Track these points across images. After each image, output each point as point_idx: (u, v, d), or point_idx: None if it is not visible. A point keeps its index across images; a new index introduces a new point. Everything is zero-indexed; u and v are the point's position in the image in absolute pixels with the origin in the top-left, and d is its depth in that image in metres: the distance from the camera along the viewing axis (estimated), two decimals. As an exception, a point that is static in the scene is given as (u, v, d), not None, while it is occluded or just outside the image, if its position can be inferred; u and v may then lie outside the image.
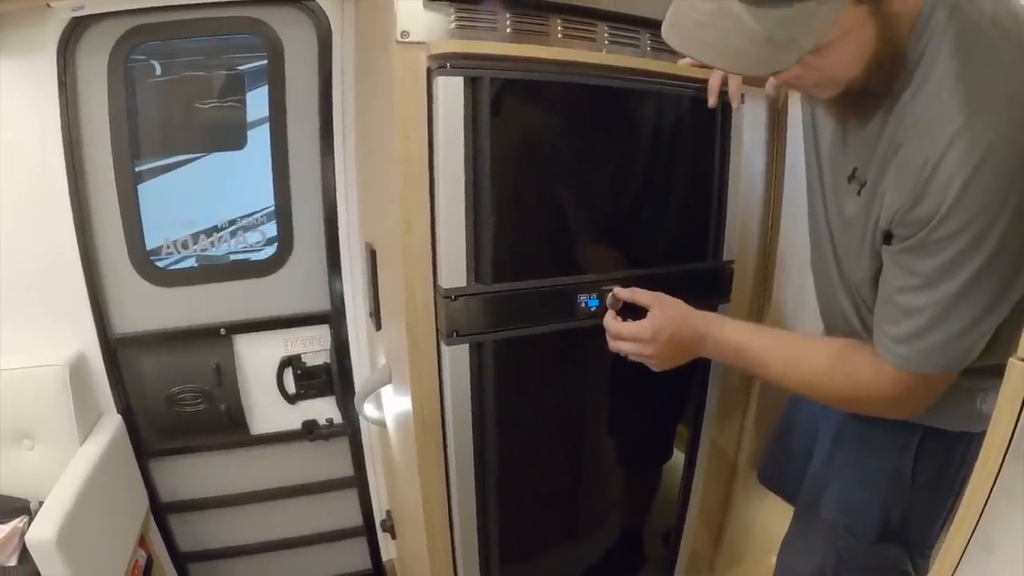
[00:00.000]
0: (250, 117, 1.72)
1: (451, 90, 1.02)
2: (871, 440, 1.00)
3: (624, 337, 1.06)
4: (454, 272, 1.07)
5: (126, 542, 1.61)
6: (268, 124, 1.68)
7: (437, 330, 1.11)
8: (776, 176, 1.38)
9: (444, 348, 1.10)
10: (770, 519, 1.47)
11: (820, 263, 1.04)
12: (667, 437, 1.47)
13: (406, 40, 1.03)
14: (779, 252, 1.41)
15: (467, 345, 1.10)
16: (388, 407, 1.45)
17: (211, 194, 1.74)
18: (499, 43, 1.08)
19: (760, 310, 1.44)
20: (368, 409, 1.50)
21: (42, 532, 1.30)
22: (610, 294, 1.14)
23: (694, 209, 1.28)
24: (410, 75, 1.04)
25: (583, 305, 1.16)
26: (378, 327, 1.45)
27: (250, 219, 1.73)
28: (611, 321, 1.09)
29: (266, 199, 1.73)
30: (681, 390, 1.39)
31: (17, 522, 1.46)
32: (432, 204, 1.06)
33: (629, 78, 1.16)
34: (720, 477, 1.51)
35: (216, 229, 1.71)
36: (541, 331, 1.15)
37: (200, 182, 1.72)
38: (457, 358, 1.10)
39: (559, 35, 1.15)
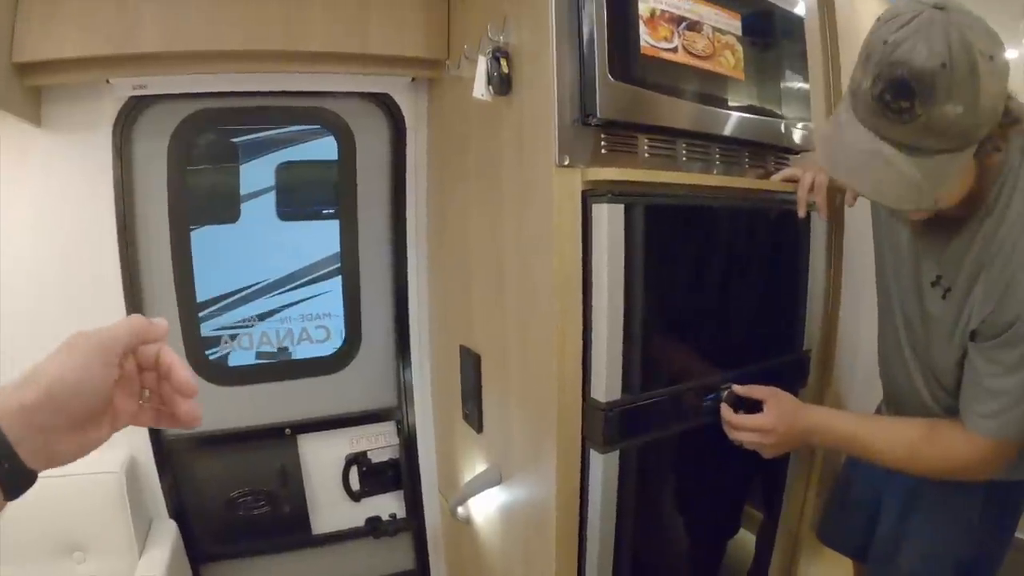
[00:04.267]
0: (245, 189, 1.69)
1: (613, 218, 1.08)
2: (943, 499, 1.15)
3: (747, 428, 1.17)
4: (611, 386, 1.12)
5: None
6: (289, 211, 1.68)
7: (584, 438, 1.16)
8: (835, 271, 1.55)
9: (595, 456, 1.15)
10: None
11: (892, 347, 1.19)
12: (741, 511, 1.59)
13: (564, 165, 1.09)
14: (837, 338, 1.58)
15: (617, 452, 1.16)
16: (485, 507, 1.45)
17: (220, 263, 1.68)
18: (641, 170, 1.16)
19: (822, 389, 1.58)
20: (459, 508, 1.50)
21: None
22: (728, 392, 1.24)
23: (786, 308, 1.42)
24: (566, 198, 1.09)
25: (706, 403, 1.25)
26: (479, 430, 1.45)
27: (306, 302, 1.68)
28: (732, 415, 1.20)
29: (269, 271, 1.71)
30: (761, 469, 1.50)
31: None
32: (585, 323, 1.12)
33: (739, 197, 1.29)
34: (787, 541, 1.63)
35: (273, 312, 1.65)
36: (672, 432, 1.24)
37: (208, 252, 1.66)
38: (609, 465, 1.15)
39: (683, 158, 1.25)
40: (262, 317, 1.69)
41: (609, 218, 1.08)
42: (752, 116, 1.32)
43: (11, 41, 1.19)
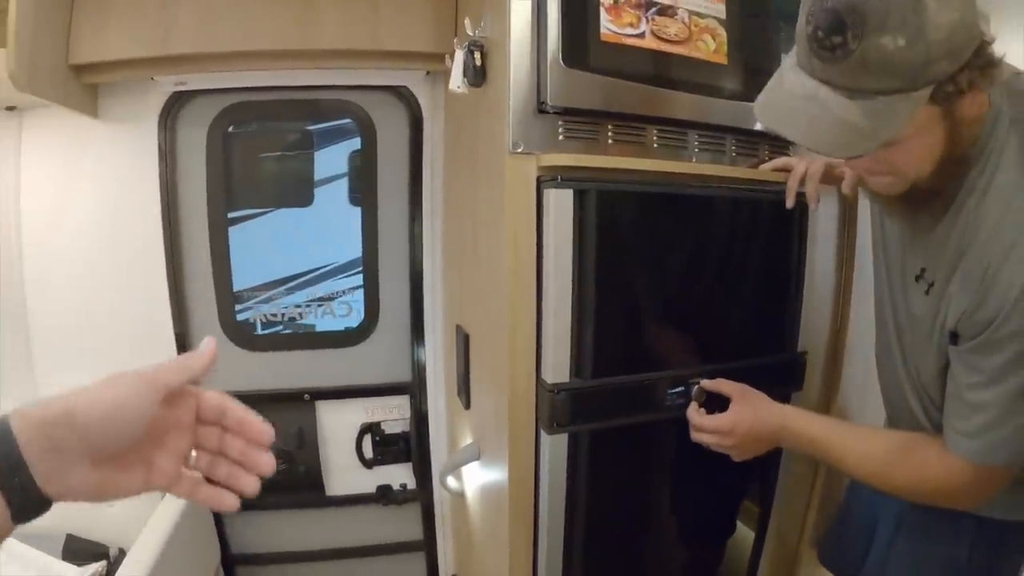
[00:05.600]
0: (318, 175, 1.83)
1: (561, 202, 1.11)
2: (929, 527, 1.05)
3: (706, 429, 1.13)
4: (558, 368, 1.14)
5: (199, 594, 1.67)
6: (359, 196, 1.79)
7: (537, 420, 1.18)
8: (846, 269, 1.45)
9: (544, 437, 1.17)
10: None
11: (885, 355, 1.09)
12: (735, 513, 1.53)
13: (518, 151, 1.12)
14: (848, 342, 1.48)
15: (566, 435, 1.18)
16: (472, 481, 1.51)
17: (290, 247, 1.83)
18: (602, 156, 1.17)
19: (828, 398, 1.49)
20: (448, 480, 1.57)
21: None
22: (696, 387, 1.21)
23: (773, 304, 1.36)
24: (520, 183, 1.13)
25: (670, 397, 1.22)
26: (467, 406, 1.52)
27: (332, 280, 1.82)
28: (694, 414, 1.16)
29: (337, 255, 1.82)
30: (752, 471, 1.45)
31: (97, 567, 1.53)
32: (539, 305, 1.14)
33: (716, 185, 1.25)
34: (785, 556, 1.55)
35: (307, 299, 1.80)
36: (631, 421, 1.23)
37: (277, 235, 1.81)
38: (556, 446, 1.18)
39: (654, 144, 1.24)
40: (325, 300, 1.83)
41: (556, 203, 1.10)
42: (738, 102, 1.27)
43: (67, 46, 1.40)
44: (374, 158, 1.74)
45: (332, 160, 1.81)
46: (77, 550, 1.59)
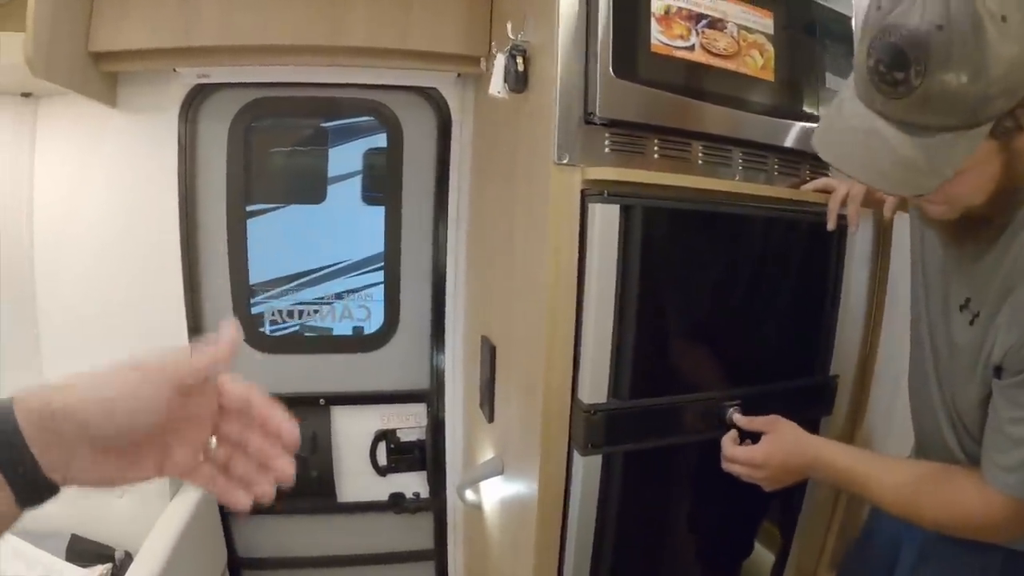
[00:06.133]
0: (331, 172, 1.79)
1: (607, 218, 1.07)
2: (955, 558, 1.02)
3: (738, 461, 1.10)
4: (596, 388, 1.11)
5: (205, 597, 1.64)
6: (373, 195, 1.76)
7: (570, 439, 1.15)
8: (878, 293, 1.44)
9: (577, 458, 1.14)
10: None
11: (919, 381, 1.07)
12: (754, 534, 1.51)
13: (563, 162, 1.09)
14: (876, 366, 1.46)
15: (600, 456, 1.15)
16: (492, 495, 1.48)
17: (301, 243, 1.81)
18: (646, 171, 1.14)
19: (854, 423, 1.47)
20: (467, 493, 1.54)
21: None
22: (730, 411, 1.19)
23: (808, 327, 1.34)
24: (564, 196, 1.09)
25: (705, 421, 1.20)
26: (490, 419, 1.49)
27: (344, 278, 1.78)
28: (728, 444, 1.13)
29: (348, 253, 1.79)
30: (775, 496, 1.43)
31: (102, 569, 1.50)
32: (578, 322, 1.11)
33: (758, 204, 1.22)
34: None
35: (315, 297, 1.76)
36: (664, 443, 1.20)
37: (288, 232, 1.79)
38: (590, 467, 1.14)
39: (699, 161, 1.21)
40: (336, 298, 1.80)
41: (602, 218, 1.07)
42: (783, 120, 1.25)
43: (87, 32, 1.35)
44: (400, 159, 1.71)
45: (346, 157, 1.78)
46: (82, 551, 1.55)
